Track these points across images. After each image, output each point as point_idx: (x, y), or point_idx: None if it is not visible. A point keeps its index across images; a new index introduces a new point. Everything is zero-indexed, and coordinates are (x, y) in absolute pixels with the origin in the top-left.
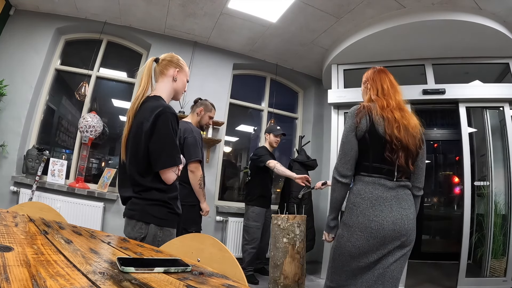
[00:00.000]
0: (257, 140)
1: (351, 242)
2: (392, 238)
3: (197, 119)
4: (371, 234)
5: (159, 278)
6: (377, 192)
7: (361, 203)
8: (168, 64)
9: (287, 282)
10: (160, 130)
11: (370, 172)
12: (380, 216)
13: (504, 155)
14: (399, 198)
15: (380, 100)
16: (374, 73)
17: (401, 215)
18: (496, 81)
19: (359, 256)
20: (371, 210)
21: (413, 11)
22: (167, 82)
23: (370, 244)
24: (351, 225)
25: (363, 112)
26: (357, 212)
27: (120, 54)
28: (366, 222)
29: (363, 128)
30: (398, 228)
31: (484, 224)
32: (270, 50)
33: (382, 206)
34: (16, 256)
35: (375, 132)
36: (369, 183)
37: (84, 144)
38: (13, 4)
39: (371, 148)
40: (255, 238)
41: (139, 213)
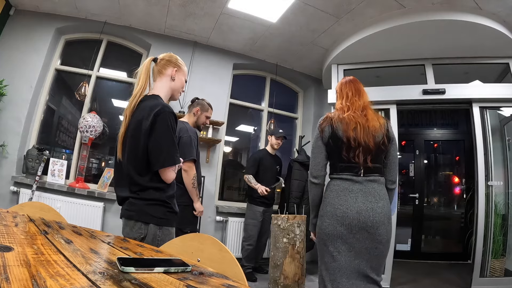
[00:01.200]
0: (257, 140)
1: (322, 229)
2: (358, 227)
3: (194, 119)
4: (337, 221)
5: (159, 278)
6: (343, 185)
7: (330, 195)
8: (166, 63)
9: (287, 282)
10: (159, 129)
11: (338, 171)
12: (344, 205)
13: (504, 155)
14: (366, 191)
15: (342, 108)
16: (342, 83)
17: (366, 206)
18: (496, 81)
19: (330, 243)
20: (337, 200)
21: (413, 11)
22: (165, 82)
23: (337, 230)
24: (322, 214)
25: (326, 121)
26: (326, 203)
27: (120, 54)
28: (332, 210)
29: (326, 135)
30: (363, 218)
31: (484, 224)
32: (270, 50)
33: (347, 196)
34: (16, 256)
35: (336, 136)
36: (338, 179)
37: (84, 144)
38: (13, 4)
39: (335, 151)
40: (251, 235)
41: (137, 213)
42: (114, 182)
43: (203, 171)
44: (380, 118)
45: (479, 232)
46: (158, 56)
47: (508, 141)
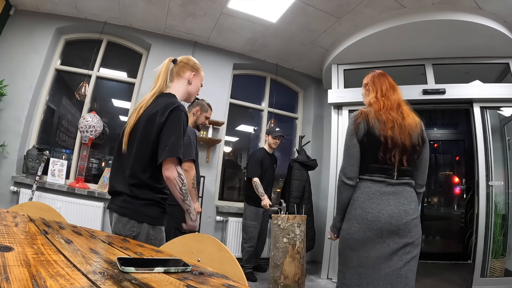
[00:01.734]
0: (257, 140)
1: (350, 234)
2: (389, 231)
3: (193, 119)
4: (367, 226)
5: (159, 278)
6: (375, 187)
7: (360, 197)
8: (185, 66)
9: (287, 282)
10: (171, 124)
11: (370, 172)
12: (376, 208)
13: (504, 155)
14: (398, 193)
15: (378, 103)
16: (374, 76)
17: (398, 209)
18: (496, 81)
19: (358, 249)
20: (368, 203)
21: (413, 11)
22: (182, 84)
23: (367, 236)
24: (350, 218)
25: (361, 117)
26: (355, 206)
27: (120, 54)
28: (363, 214)
29: (361, 132)
30: (395, 222)
31: (484, 224)
32: (270, 50)
33: (379, 199)
34: (16, 256)
35: (372, 135)
36: (369, 181)
37: (84, 144)
38: (13, 4)
39: (369, 150)
40: (252, 237)
41: (132, 211)
42: (111, 172)
43: (203, 171)
44: (415, 116)
45: (480, 232)
46: (178, 58)
47: (508, 141)
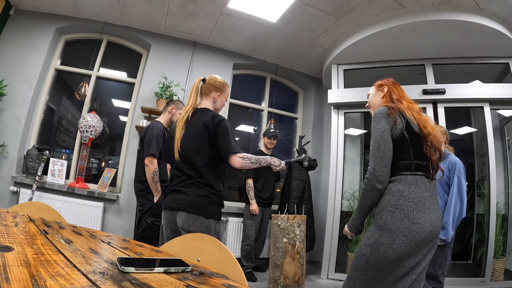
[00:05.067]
0: (257, 140)
1: (393, 249)
2: (427, 240)
3: (168, 116)
4: (413, 238)
5: (159, 278)
6: (420, 192)
7: (405, 205)
8: (210, 87)
9: (287, 282)
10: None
11: (413, 170)
12: (422, 218)
13: (504, 155)
14: (434, 198)
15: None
16: (392, 81)
17: (436, 216)
18: (496, 81)
19: (397, 262)
20: (415, 212)
21: (413, 11)
22: (209, 102)
23: (411, 248)
24: (393, 230)
25: (395, 111)
26: (401, 216)
27: (120, 54)
28: (410, 226)
29: (399, 126)
30: (434, 230)
31: (484, 224)
32: (270, 50)
33: (424, 207)
34: (16, 256)
35: (411, 129)
36: (412, 183)
37: (84, 144)
38: (13, 4)
39: (411, 146)
40: (249, 235)
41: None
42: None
43: None
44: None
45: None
46: (206, 78)
47: (508, 141)
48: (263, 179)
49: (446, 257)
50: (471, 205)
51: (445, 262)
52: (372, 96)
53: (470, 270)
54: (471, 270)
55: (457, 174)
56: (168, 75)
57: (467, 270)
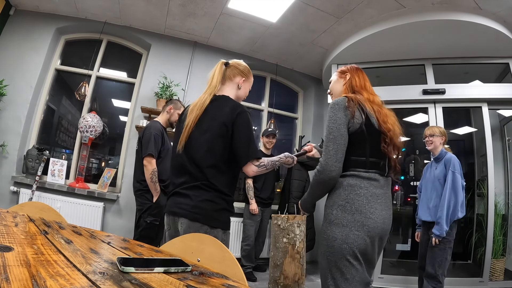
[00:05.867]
0: (257, 140)
1: (348, 244)
2: (379, 237)
3: (167, 116)
4: (367, 233)
5: (159, 278)
6: (372, 188)
7: (357, 199)
8: (236, 71)
9: (287, 282)
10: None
11: (368, 167)
12: (374, 213)
13: (504, 155)
14: (386, 197)
15: (366, 93)
16: (355, 68)
17: (387, 214)
18: (496, 81)
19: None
20: (367, 207)
21: (413, 11)
22: (232, 87)
23: (367, 243)
24: (345, 224)
25: (353, 103)
26: (352, 210)
27: (120, 54)
28: (363, 220)
29: (358, 120)
30: (386, 227)
31: (484, 224)
32: (270, 50)
33: (376, 203)
34: (16, 256)
35: (370, 124)
36: (365, 179)
37: (84, 144)
38: (13, 4)
39: (368, 142)
40: (248, 235)
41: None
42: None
43: None
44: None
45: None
46: (229, 61)
47: (508, 141)
48: (262, 179)
49: (446, 257)
50: (471, 205)
51: (445, 262)
52: (333, 83)
53: (470, 270)
54: (471, 270)
55: (452, 169)
56: (168, 75)
57: (467, 270)
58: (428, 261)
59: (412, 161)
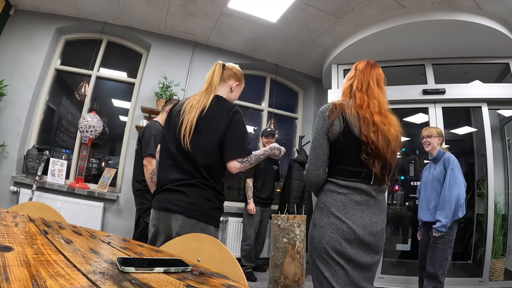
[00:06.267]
0: (257, 140)
1: (323, 244)
2: (361, 241)
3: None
4: (342, 236)
5: (159, 278)
6: (351, 195)
7: (333, 204)
8: (231, 74)
9: (287, 282)
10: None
11: (346, 176)
12: (351, 219)
13: (504, 155)
14: (373, 203)
15: (361, 98)
16: (366, 65)
17: (371, 220)
18: (496, 81)
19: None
20: (343, 212)
21: (413, 11)
22: (225, 89)
23: (342, 246)
24: (321, 225)
25: (336, 112)
26: (328, 213)
27: (120, 54)
28: (338, 223)
29: (336, 129)
30: (367, 233)
31: (484, 224)
32: (270, 50)
33: (354, 210)
34: (16, 256)
35: (349, 133)
36: (343, 186)
37: (84, 144)
38: (13, 4)
39: (346, 151)
40: (248, 235)
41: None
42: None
43: None
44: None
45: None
46: (226, 64)
47: (508, 141)
48: (262, 179)
49: (447, 257)
50: (471, 205)
51: (445, 262)
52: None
53: (470, 270)
54: (471, 270)
55: (451, 167)
56: (168, 75)
57: (467, 270)
58: (429, 261)
59: (412, 161)
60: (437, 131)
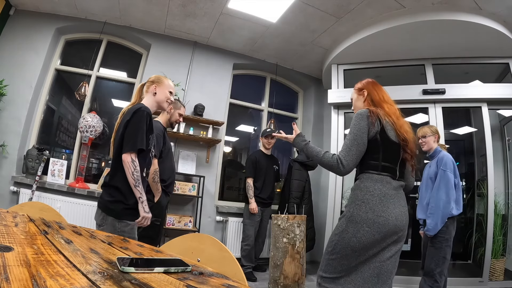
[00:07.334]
0: (257, 140)
1: (357, 238)
2: (392, 232)
3: (167, 117)
4: (377, 229)
5: (159, 278)
6: (384, 189)
7: (371, 199)
8: (148, 84)
9: (287, 282)
10: (133, 121)
11: (380, 170)
12: (386, 211)
13: (504, 155)
14: (400, 196)
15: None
16: (371, 83)
17: (401, 211)
18: (496, 81)
19: (361, 250)
20: (380, 206)
21: (413, 11)
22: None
23: (375, 238)
24: (358, 221)
25: (374, 115)
26: (366, 209)
27: (120, 54)
28: (375, 218)
29: (375, 129)
30: (399, 224)
31: (484, 224)
32: (270, 50)
33: (389, 202)
34: (16, 256)
35: (385, 134)
36: (378, 181)
37: (84, 144)
38: (13, 4)
39: (381, 149)
40: (248, 235)
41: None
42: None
43: (203, 171)
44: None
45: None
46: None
47: (508, 141)
48: (262, 178)
49: (444, 255)
50: (471, 205)
51: (442, 260)
52: (354, 101)
53: (470, 270)
54: (471, 270)
55: (443, 168)
56: (168, 75)
57: (467, 270)
58: (426, 260)
59: None
60: (431, 130)
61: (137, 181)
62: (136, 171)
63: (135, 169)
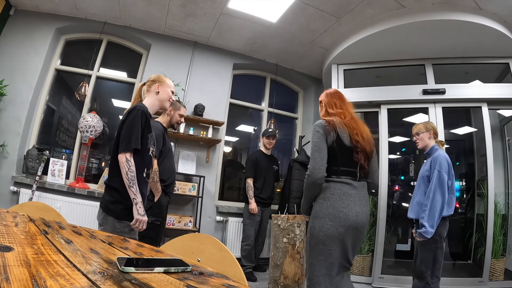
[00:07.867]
0: (257, 140)
1: (323, 232)
2: (353, 228)
3: (168, 118)
4: (339, 223)
5: (159, 278)
6: (344, 189)
7: (331, 197)
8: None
9: (287, 282)
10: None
11: (339, 174)
12: (347, 208)
13: (504, 155)
14: (360, 196)
15: (340, 113)
16: (326, 93)
17: (361, 209)
18: (496, 81)
19: (329, 242)
20: (340, 203)
21: (413, 11)
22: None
23: (339, 231)
24: (321, 216)
25: (330, 126)
26: (327, 205)
27: (120, 54)
28: (335, 213)
29: (331, 139)
30: (359, 220)
31: (484, 224)
32: (270, 50)
33: (348, 200)
34: (16, 256)
35: (341, 142)
36: (338, 182)
37: (84, 144)
38: (13, 4)
39: (339, 155)
40: (248, 235)
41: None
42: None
43: (203, 171)
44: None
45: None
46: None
47: (508, 141)
48: (262, 178)
49: (436, 257)
50: (471, 205)
51: (434, 262)
52: (320, 111)
53: (470, 270)
54: (471, 270)
55: (437, 168)
56: (168, 75)
57: (467, 270)
58: (417, 262)
59: (412, 161)
60: (425, 126)
61: (131, 181)
62: (130, 171)
63: (129, 168)
